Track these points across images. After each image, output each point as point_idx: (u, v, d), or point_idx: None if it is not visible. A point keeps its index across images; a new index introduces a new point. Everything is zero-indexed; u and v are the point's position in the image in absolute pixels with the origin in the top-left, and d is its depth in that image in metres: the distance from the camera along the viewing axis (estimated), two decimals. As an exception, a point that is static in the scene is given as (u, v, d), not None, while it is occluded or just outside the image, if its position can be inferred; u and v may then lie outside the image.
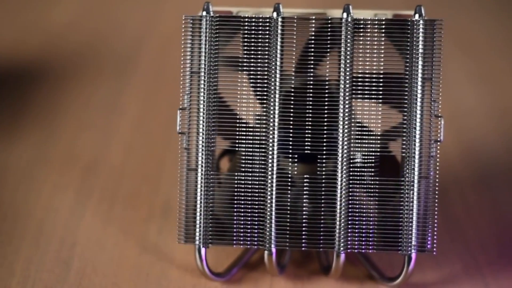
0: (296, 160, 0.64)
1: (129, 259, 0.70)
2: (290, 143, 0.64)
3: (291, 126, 0.63)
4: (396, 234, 0.63)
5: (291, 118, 0.63)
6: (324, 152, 0.63)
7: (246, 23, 0.63)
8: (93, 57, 1.13)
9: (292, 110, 0.63)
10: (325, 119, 0.63)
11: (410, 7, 0.64)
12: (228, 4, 0.68)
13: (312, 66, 0.63)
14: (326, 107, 0.63)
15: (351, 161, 0.63)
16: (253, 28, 0.63)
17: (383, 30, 0.63)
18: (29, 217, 0.76)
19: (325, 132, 0.63)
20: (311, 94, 0.63)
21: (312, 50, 0.63)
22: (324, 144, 0.63)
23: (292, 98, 0.63)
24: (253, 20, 0.63)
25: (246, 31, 0.63)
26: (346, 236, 0.63)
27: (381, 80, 0.63)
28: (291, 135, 0.63)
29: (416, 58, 0.63)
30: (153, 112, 0.98)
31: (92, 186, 0.81)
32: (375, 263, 0.68)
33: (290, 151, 0.64)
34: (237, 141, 0.64)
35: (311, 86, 0.63)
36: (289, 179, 0.64)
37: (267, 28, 0.63)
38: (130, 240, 0.73)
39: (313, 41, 0.63)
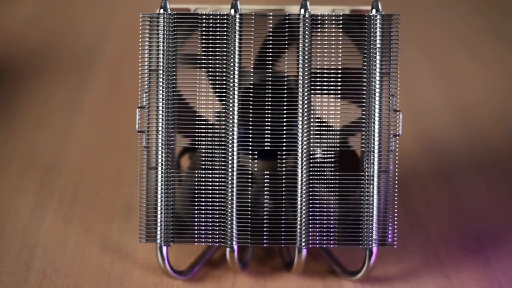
0: (256, 156, 0.64)
1: (91, 259, 0.70)
2: (250, 139, 0.64)
3: (250, 123, 0.63)
4: (357, 229, 0.64)
5: (251, 115, 0.63)
6: (284, 148, 0.63)
7: (204, 20, 0.63)
8: (52, 56, 1.12)
9: (251, 107, 0.63)
10: (285, 115, 0.63)
11: (367, 2, 0.65)
12: (185, 2, 0.68)
13: (270, 62, 0.63)
14: (285, 103, 0.63)
15: (311, 156, 0.63)
16: (211, 25, 0.63)
17: (341, 26, 0.63)
18: (-11, 219, 0.75)
19: (284, 128, 0.63)
20: (270, 91, 0.63)
21: (271, 46, 0.63)
22: (284, 140, 0.63)
23: (251, 94, 0.63)
24: (211, 17, 0.63)
25: (204, 28, 0.63)
26: (308, 232, 0.64)
27: (340, 75, 0.63)
28: (250, 131, 0.63)
29: (374, 53, 0.63)
30: (113, 111, 0.98)
31: (52, 187, 0.81)
32: (337, 258, 0.69)
33: (250, 147, 0.64)
34: (197, 138, 0.64)
35: (270, 83, 0.63)
36: (250, 176, 0.64)
37: (225, 25, 0.63)
38: (92, 240, 0.72)
39: (271, 38, 0.63)
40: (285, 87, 0.63)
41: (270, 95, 0.63)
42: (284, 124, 0.63)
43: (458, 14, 1.29)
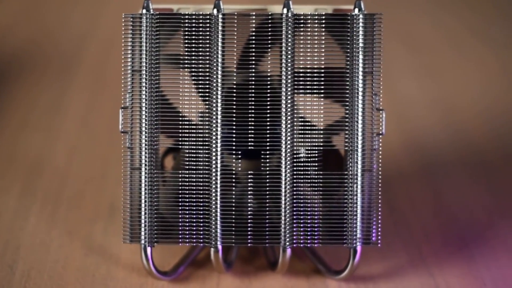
0: (240, 156, 0.64)
1: (75, 261, 0.69)
2: (234, 139, 0.64)
3: (234, 123, 0.63)
4: (341, 228, 0.64)
5: (234, 115, 0.63)
6: (268, 147, 0.63)
7: (187, 20, 0.63)
8: (36, 57, 1.11)
9: (235, 107, 0.63)
10: (268, 115, 0.63)
11: (350, 1, 0.65)
12: (168, 2, 0.68)
13: (253, 62, 0.63)
14: (268, 103, 0.63)
15: (295, 156, 0.64)
16: (193, 25, 0.63)
17: (324, 25, 0.63)
18: (-28, 221, 0.75)
19: (268, 127, 0.63)
20: (253, 90, 0.63)
21: (254, 46, 0.63)
22: (268, 139, 0.63)
23: (235, 94, 0.63)
24: (194, 17, 0.63)
25: (187, 29, 0.63)
26: (292, 231, 0.64)
27: (323, 74, 0.63)
28: (234, 131, 0.63)
29: (357, 52, 0.63)
30: (97, 111, 0.98)
31: (36, 188, 0.80)
32: (321, 257, 0.69)
33: (234, 147, 0.64)
34: (180, 139, 0.64)
35: (253, 82, 0.63)
36: (234, 176, 0.64)
37: (208, 25, 0.63)
38: (76, 242, 0.72)
39: (254, 37, 0.63)
40: (269, 86, 0.63)
41: (253, 94, 0.63)
42: (268, 123, 0.63)
43: (443, 11, 1.29)
